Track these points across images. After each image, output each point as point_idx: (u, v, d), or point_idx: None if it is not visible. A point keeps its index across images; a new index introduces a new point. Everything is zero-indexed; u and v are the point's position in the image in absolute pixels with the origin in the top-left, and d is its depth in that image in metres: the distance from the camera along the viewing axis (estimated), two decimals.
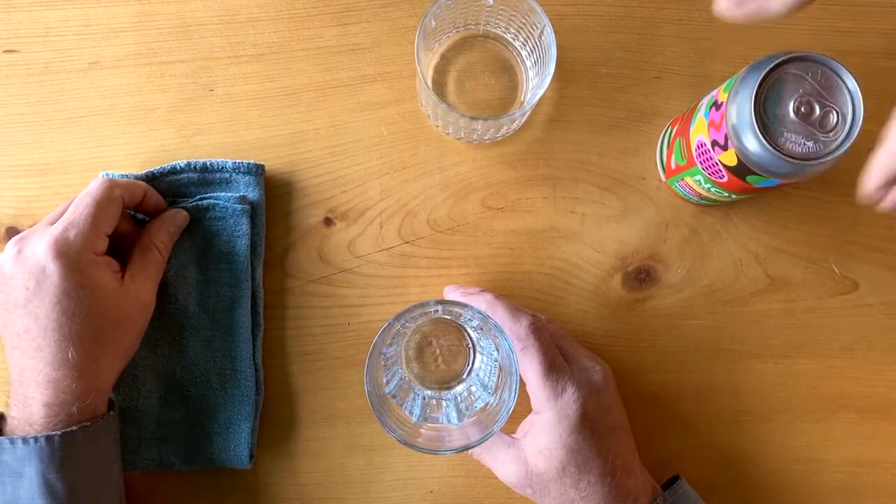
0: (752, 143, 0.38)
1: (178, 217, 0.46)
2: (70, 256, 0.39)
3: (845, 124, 0.37)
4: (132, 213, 0.48)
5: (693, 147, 0.44)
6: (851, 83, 0.37)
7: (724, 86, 0.41)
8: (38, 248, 0.39)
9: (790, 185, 0.51)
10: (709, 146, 0.41)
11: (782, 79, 0.38)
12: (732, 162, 0.40)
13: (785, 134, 0.37)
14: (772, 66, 0.37)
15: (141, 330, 0.44)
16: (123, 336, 0.43)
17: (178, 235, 0.47)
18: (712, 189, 0.45)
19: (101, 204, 0.42)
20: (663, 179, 0.51)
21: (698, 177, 0.45)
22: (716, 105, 0.40)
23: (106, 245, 0.42)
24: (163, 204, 0.47)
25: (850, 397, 0.51)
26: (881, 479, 0.51)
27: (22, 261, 0.40)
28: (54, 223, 0.41)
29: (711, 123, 0.41)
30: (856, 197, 0.38)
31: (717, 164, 0.41)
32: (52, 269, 0.39)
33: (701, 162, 0.43)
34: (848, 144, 0.37)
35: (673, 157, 0.47)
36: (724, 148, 0.40)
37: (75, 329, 0.40)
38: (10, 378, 0.41)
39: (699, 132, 0.42)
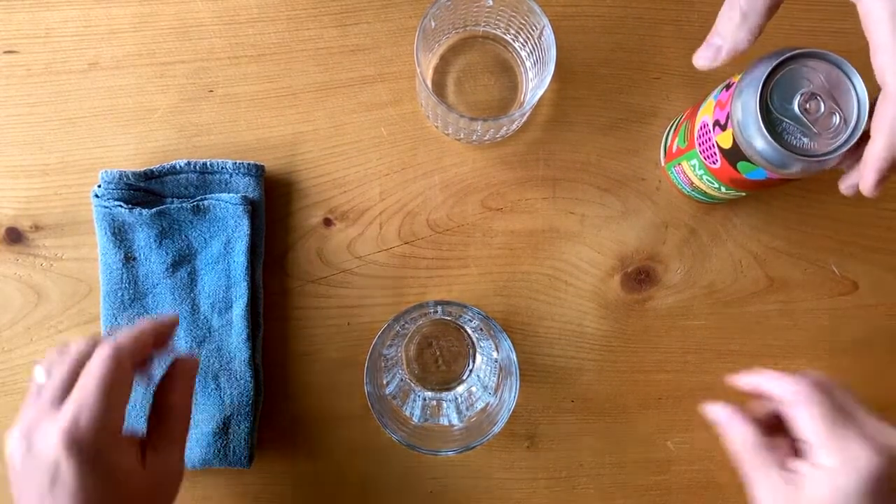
0: (749, 120, 0.38)
1: (188, 368, 0.42)
2: (84, 448, 0.35)
3: (847, 128, 0.37)
4: (143, 188, 0.47)
5: (696, 128, 0.44)
6: (861, 88, 0.37)
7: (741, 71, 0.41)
8: (49, 442, 0.35)
9: (789, 186, 0.51)
10: (710, 127, 0.42)
11: (797, 71, 0.38)
12: (728, 144, 0.40)
13: (783, 124, 0.38)
14: (792, 54, 0.37)
15: (172, 501, 0.40)
16: None
17: (195, 383, 0.42)
18: (704, 177, 0.45)
19: (111, 377, 0.36)
20: (662, 164, 0.51)
21: (693, 161, 0.45)
22: (727, 86, 0.41)
23: (123, 419, 0.38)
24: (174, 323, 0.42)
25: None
26: None
27: (32, 458, 0.35)
28: (54, 398, 0.37)
29: (718, 103, 0.41)
30: (844, 190, 0.38)
31: (713, 146, 0.42)
32: (66, 466, 0.35)
33: (700, 143, 0.43)
34: (844, 150, 0.37)
35: (676, 140, 0.47)
36: (724, 128, 0.40)
37: None
38: None
39: (705, 113, 0.43)
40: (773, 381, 0.42)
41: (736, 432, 0.41)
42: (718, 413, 0.43)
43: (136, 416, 0.47)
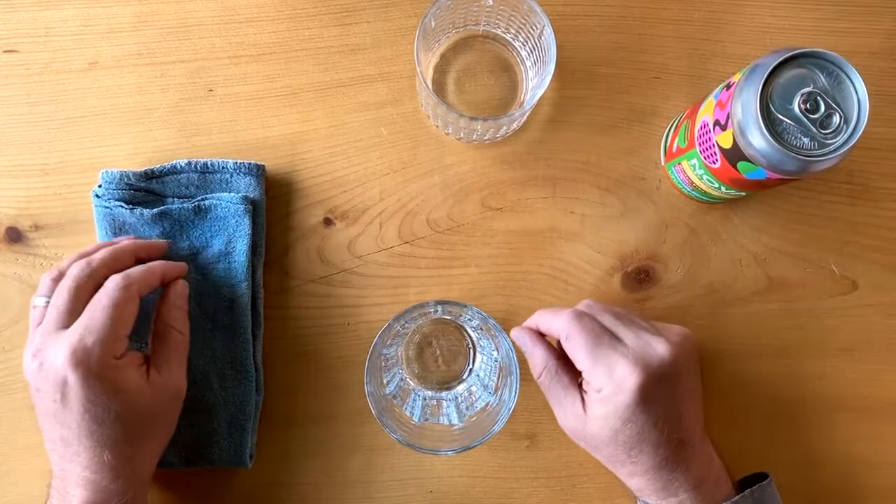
0: (749, 120, 0.38)
1: (179, 289, 0.45)
2: (90, 365, 0.39)
3: (847, 128, 0.37)
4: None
5: (696, 127, 0.44)
6: (861, 88, 0.38)
7: (741, 70, 0.41)
8: (57, 360, 0.39)
9: (789, 186, 0.51)
10: (710, 126, 0.42)
11: (797, 71, 0.38)
12: (728, 144, 0.40)
13: (783, 124, 0.38)
14: (793, 54, 0.37)
15: (175, 417, 0.44)
16: (158, 429, 0.43)
17: (188, 304, 0.46)
18: (704, 177, 0.45)
19: (119, 306, 0.40)
20: (662, 164, 0.51)
21: (694, 160, 0.45)
22: (728, 86, 0.41)
23: (126, 344, 0.41)
24: (182, 270, 0.46)
25: (850, 397, 0.51)
26: (881, 480, 0.51)
27: (44, 374, 0.39)
28: (62, 323, 0.40)
29: (719, 103, 0.41)
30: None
31: (713, 145, 0.42)
32: (73, 380, 0.38)
33: (700, 143, 0.43)
34: (844, 150, 0.37)
35: (676, 139, 0.47)
36: (724, 128, 0.40)
37: (107, 434, 0.40)
38: (51, 467, 0.42)
39: (706, 113, 0.43)
40: (546, 321, 0.44)
41: (536, 358, 0.44)
42: (522, 339, 0.45)
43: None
